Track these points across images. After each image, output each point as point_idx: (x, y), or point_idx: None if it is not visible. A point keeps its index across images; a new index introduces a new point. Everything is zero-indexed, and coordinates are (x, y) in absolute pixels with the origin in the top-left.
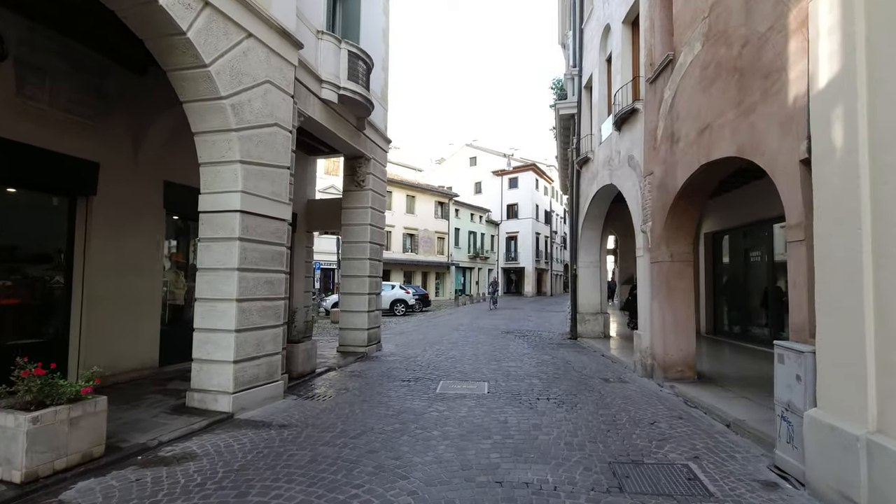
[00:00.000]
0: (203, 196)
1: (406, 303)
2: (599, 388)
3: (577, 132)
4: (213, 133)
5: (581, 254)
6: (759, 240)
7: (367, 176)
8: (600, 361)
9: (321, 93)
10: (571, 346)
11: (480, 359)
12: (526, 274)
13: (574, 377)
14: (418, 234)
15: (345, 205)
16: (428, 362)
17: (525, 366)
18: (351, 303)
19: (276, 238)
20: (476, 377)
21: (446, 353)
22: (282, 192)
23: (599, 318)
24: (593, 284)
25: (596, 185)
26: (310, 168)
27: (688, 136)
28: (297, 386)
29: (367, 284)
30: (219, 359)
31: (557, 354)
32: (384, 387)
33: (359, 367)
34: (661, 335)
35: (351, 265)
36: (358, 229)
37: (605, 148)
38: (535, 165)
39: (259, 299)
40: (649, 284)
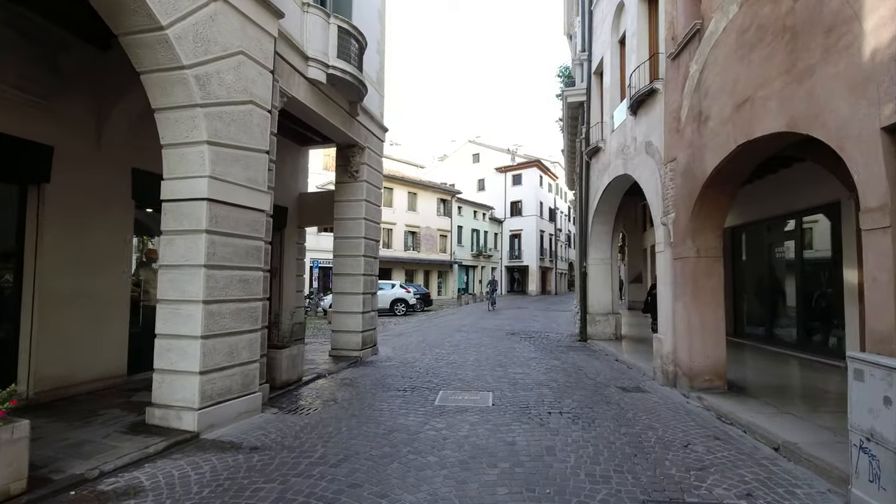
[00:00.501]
0: (166, 182)
1: (407, 302)
2: (618, 400)
3: (587, 121)
4: (176, 109)
5: (591, 250)
6: (785, 235)
7: (362, 166)
8: (614, 367)
9: (307, 72)
10: (581, 349)
11: (484, 364)
12: (530, 272)
13: (588, 386)
14: (420, 232)
15: (337, 198)
16: (427, 368)
17: (533, 372)
18: (344, 303)
19: (253, 231)
20: (479, 386)
21: (447, 358)
22: (259, 179)
23: (611, 319)
24: (604, 283)
25: (607, 176)
26: (302, 159)
27: (720, 113)
28: (280, 396)
29: (361, 283)
30: (183, 369)
31: (567, 359)
32: (377, 398)
33: (351, 373)
34: (686, 340)
35: (344, 263)
36: (352, 224)
37: (618, 136)
38: (539, 162)
39: (231, 300)
40: (671, 283)
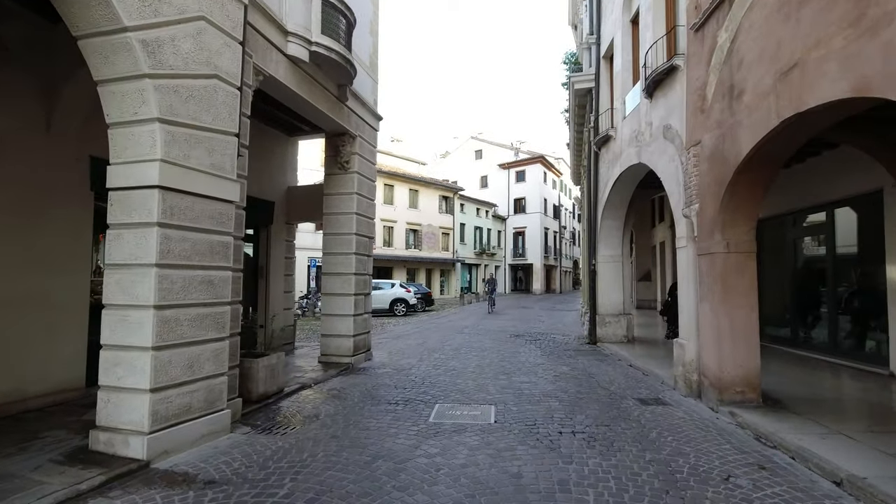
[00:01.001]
0: (113, 168)
1: (407, 302)
2: (637, 415)
3: (595, 109)
4: (120, 81)
5: (600, 247)
6: (813, 228)
7: (353, 157)
8: (629, 374)
9: (287, 48)
10: (591, 352)
11: (486, 371)
12: (534, 271)
13: (601, 397)
14: (422, 230)
15: (327, 190)
16: (424, 376)
17: (540, 381)
18: (334, 305)
19: (218, 225)
20: (480, 398)
21: (446, 364)
22: (226, 166)
23: (622, 321)
24: (614, 282)
25: (619, 166)
26: (291, 151)
27: (758, 85)
28: (256, 412)
29: (352, 283)
30: (131, 386)
31: (577, 364)
32: (364, 413)
33: (340, 382)
34: (714, 346)
35: (334, 261)
36: (342, 219)
37: (630, 122)
38: (543, 158)
39: (192, 305)
40: (694, 282)
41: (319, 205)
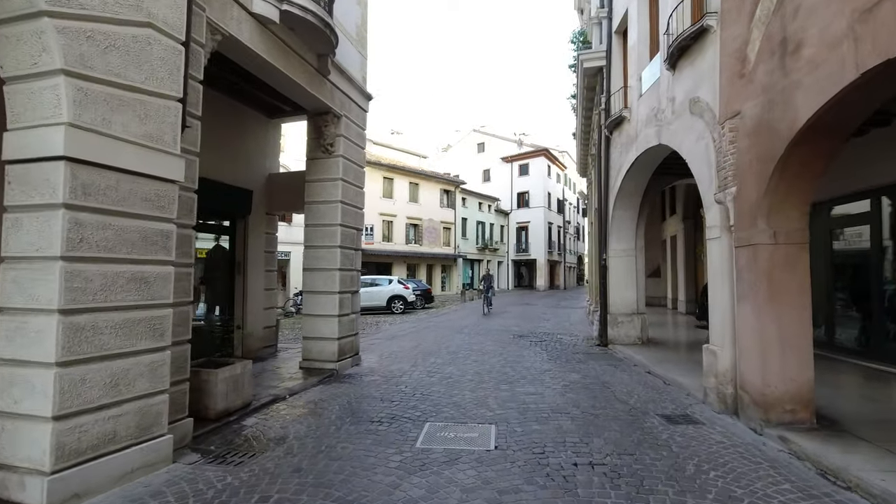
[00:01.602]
0: (8, 136)
1: (405, 299)
2: (666, 439)
3: (607, 89)
4: (14, 22)
5: (612, 240)
6: (856, 217)
7: (337, 139)
8: (648, 382)
9: (252, 5)
10: (603, 356)
11: (486, 379)
12: (538, 266)
13: (620, 413)
14: (422, 225)
15: (309, 177)
16: (416, 385)
17: (548, 392)
18: (316, 304)
19: (156, 209)
20: (479, 415)
21: (442, 370)
22: (165, 136)
23: (635, 321)
24: (627, 278)
25: (634, 150)
26: (272, 134)
27: (825, 32)
28: (212, 433)
29: (336, 280)
30: (28, 412)
31: (588, 371)
32: (340, 435)
33: (320, 393)
34: (756, 355)
35: (316, 255)
36: (325, 208)
37: (648, 100)
38: (547, 151)
39: (116, 308)
40: (729, 279)
41: (304, 194)
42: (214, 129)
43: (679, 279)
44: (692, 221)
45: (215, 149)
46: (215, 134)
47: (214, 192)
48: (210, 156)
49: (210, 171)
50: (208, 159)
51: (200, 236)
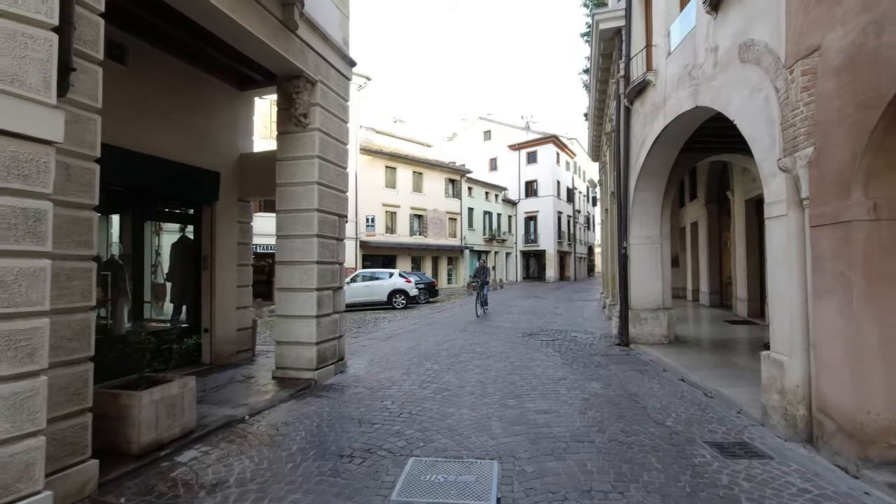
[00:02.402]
0: None
1: (406, 294)
2: (727, 484)
3: (626, 52)
4: None
5: (633, 226)
6: None
7: (312, 109)
8: (684, 394)
9: None
10: (625, 359)
11: (490, 391)
12: (547, 257)
13: (658, 441)
14: (427, 215)
15: (280, 154)
16: (405, 401)
17: (564, 408)
18: (290, 304)
19: (19, 180)
20: (478, 444)
21: (439, 379)
22: (27, 77)
23: (661, 317)
24: (652, 269)
25: (661, 119)
26: (243, 109)
27: None
28: (131, 475)
29: (314, 275)
30: None
31: (610, 378)
32: (296, 479)
33: (287, 413)
34: (846, 369)
35: (290, 246)
36: (300, 191)
37: (680, 57)
38: (555, 138)
39: None
40: (800, 268)
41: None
42: (171, 102)
43: (701, 269)
44: (716, 206)
45: (173, 124)
46: (172, 107)
47: (172, 175)
48: (166, 132)
49: (166, 149)
50: (164, 136)
51: (164, 227)
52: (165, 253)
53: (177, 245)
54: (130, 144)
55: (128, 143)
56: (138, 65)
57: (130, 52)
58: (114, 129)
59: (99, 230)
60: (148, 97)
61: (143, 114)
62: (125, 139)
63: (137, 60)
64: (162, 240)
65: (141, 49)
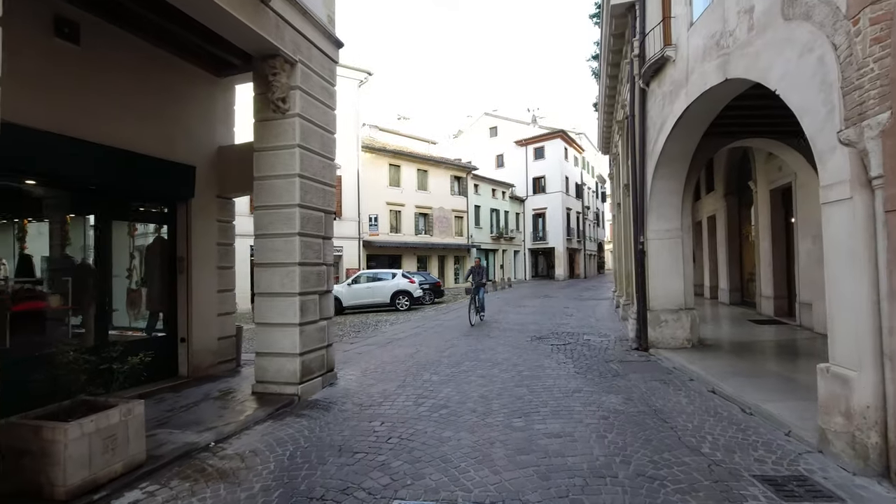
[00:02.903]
0: None
1: (410, 295)
2: None
3: (641, 29)
4: None
5: (651, 219)
6: None
7: (292, 93)
8: (717, 409)
9: None
10: (645, 366)
11: (493, 409)
12: (556, 255)
13: (695, 475)
14: (432, 214)
15: (257, 144)
16: (396, 421)
17: (580, 430)
18: (270, 310)
19: None
20: (477, 482)
21: (436, 393)
22: None
23: (683, 318)
24: (672, 265)
25: (683, 98)
26: (221, 97)
27: None
28: None
29: (296, 278)
30: None
31: (630, 390)
32: None
33: (259, 438)
34: None
35: (269, 246)
36: (279, 185)
37: (705, 25)
38: (563, 132)
39: None
40: (869, 263)
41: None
42: (137, 88)
43: (720, 265)
44: (735, 197)
45: (140, 113)
46: (138, 94)
47: (139, 169)
48: (132, 122)
49: (131, 141)
50: (129, 126)
51: (139, 228)
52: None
53: (152, 247)
54: (89, 135)
55: (86, 133)
56: (95, 46)
57: (85, 30)
58: (69, 117)
59: (67, 232)
60: (109, 82)
61: (103, 101)
62: (83, 129)
63: (94, 41)
64: (137, 241)
65: (97, 27)
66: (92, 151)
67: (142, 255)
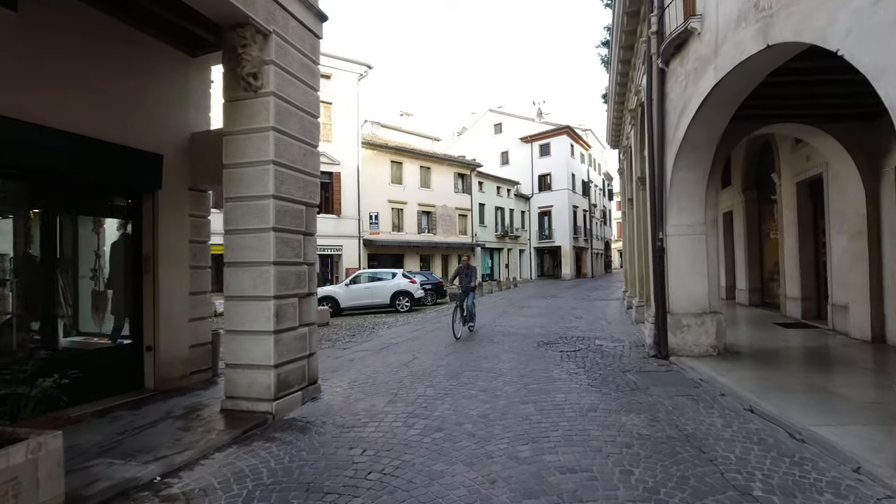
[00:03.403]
0: None
1: (411, 296)
2: None
3: (659, 2)
4: None
5: (671, 213)
6: None
7: (266, 68)
8: (762, 435)
9: None
10: (667, 377)
11: (496, 434)
12: (563, 253)
13: None
14: (435, 212)
15: (227, 128)
16: (380, 448)
17: (599, 465)
18: (241, 316)
19: None
20: None
21: (431, 411)
22: None
23: (707, 323)
24: (695, 264)
25: (711, 75)
26: (195, 79)
27: None
28: None
29: (271, 280)
30: None
31: (655, 409)
32: None
33: (214, 472)
34: None
35: (239, 244)
36: (251, 173)
37: None
38: (569, 128)
39: None
40: None
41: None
42: (93, 64)
43: (738, 264)
44: (755, 192)
45: (96, 93)
46: (95, 71)
47: (95, 157)
48: (86, 103)
49: (86, 125)
50: (82, 108)
51: (93, 221)
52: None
53: (117, 245)
54: (31, 116)
55: (28, 114)
56: (39, 14)
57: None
58: (6, 95)
59: (26, 228)
60: (56, 57)
61: (49, 78)
62: (25, 109)
63: (36, 7)
64: (104, 239)
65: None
66: (34, 135)
67: (100, 255)
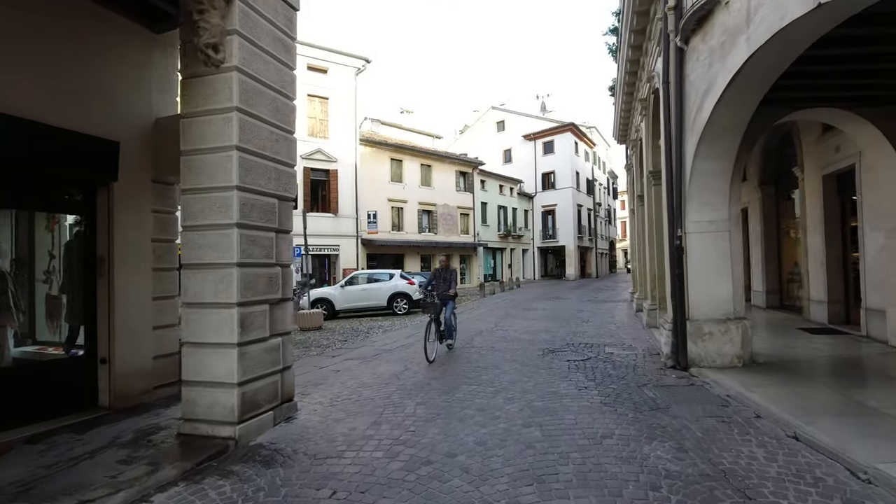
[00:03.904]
0: None
1: (409, 297)
2: None
3: None
4: None
5: (691, 207)
6: None
7: (228, 39)
8: (815, 472)
9: None
10: (689, 392)
11: (494, 468)
12: (567, 253)
13: None
14: (436, 211)
15: (184, 108)
16: (353, 492)
17: None
18: (200, 326)
19: None
20: None
21: (419, 438)
22: None
23: (732, 330)
24: (718, 264)
25: (743, 48)
26: (159, 58)
27: None
28: None
29: (234, 284)
30: None
31: (681, 435)
32: None
33: None
34: None
35: (199, 242)
36: (211, 161)
37: None
38: (573, 126)
39: None
40: None
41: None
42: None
43: (754, 264)
44: (773, 187)
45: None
46: (34, 44)
47: (34, 143)
48: (24, 81)
49: (23, 105)
50: (20, 86)
51: (44, 217)
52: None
53: (71, 244)
54: None
55: None
56: None
57: None
58: None
59: None
60: None
61: None
62: None
63: None
64: (59, 237)
65: None
66: None
67: (54, 255)
